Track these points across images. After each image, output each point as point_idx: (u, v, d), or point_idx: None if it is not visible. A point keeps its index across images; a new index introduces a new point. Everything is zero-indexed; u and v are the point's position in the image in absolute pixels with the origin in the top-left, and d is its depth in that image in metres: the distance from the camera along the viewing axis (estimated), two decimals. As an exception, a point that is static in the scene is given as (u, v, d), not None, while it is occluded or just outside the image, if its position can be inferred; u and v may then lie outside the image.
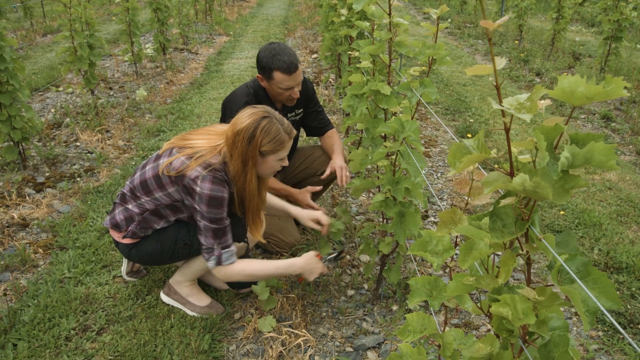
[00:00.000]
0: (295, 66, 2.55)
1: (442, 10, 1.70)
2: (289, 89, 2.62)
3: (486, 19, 0.85)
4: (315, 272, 2.35)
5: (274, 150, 2.14)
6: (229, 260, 2.19)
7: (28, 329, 2.29)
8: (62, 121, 4.98)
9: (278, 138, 2.12)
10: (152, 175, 2.23)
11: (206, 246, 2.16)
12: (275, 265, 2.30)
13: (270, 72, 2.57)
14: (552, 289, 0.86)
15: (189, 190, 2.12)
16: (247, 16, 12.88)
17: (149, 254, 2.34)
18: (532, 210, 0.85)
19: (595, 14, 12.08)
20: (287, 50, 2.56)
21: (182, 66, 7.44)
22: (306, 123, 3.01)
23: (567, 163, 0.76)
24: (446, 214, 1.18)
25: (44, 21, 10.64)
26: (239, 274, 2.23)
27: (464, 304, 1.32)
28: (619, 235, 3.20)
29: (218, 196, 2.09)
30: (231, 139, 2.12)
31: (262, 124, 2.09)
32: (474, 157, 0.84)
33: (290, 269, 2.31)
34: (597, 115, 5.80)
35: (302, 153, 3.11)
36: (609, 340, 2.40)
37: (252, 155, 2.11)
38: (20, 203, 3.47)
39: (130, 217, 2.29)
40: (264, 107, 2.17)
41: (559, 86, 0.79)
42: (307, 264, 2.32)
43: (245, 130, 2.09)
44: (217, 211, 2.11)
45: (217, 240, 2.15)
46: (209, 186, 2.08)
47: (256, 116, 2.11)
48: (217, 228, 2.14)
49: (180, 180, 2.13)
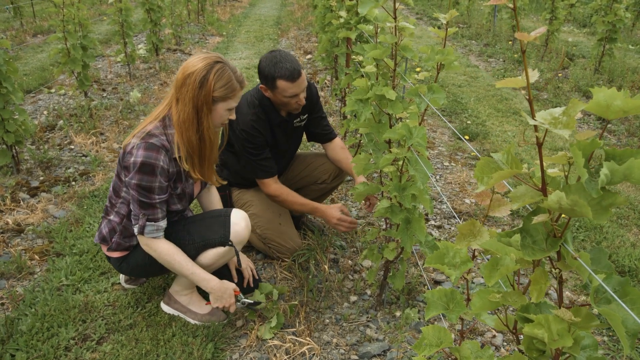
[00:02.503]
0: (299, 72, 2.50)
1: (451, 15, 1.67)
2: (294, 97, 2.57)
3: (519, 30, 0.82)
4: (222, 302, 2.26)
5: (225, 97, 2.09)
6: (152, 234, 2.11)
7: (26, 339, 2.24)
8: (55, 124, 4.91)
9: (230, 84, 2.08)
10: (115, 176, 2.23)
11: (133, 213, 2.11)
12: (192, 270, 2.18)
13: (274, 81, 2.51)
14: (587, 309, 0.84)
15: (126, 165, 2.04)
16: (239, 16, 12.81)
17: (139, 266, 2.30)
18: (566, 227, 0.83)
19: (586, 14, 12.15)
20: (289, 57, 2.51)
21: (175, 67, 7.36)
22: (309, 128, 2.96)
23: (607, 180, 0.73)
24: (465, 226, 1.15)
25: (34, 21, 10.51)
26: (156, 252, 2.14)
27: (481, 317, 1.30)
28: (620, 239, 3.20)
29: (150, 162, 2.01)
30: (180, 81, 2.05)
31: (216, 67, 2.05)
32: (506, 172, 0.82)
33: (203, 283, 2.21)
34: (593, 117, 5.81)
35: (303, 160, 3.07)
36: (614, 346, 2.39)
37: (206, 100, 2.05)
38: (15, 208, 3.41)
39: (113, 228, 2.26)
40: (216, 53, 2.13)
41: (594, 100, 0.77)
42: (219, 290, 2.24)
43: (198, 72, 2.03)
44: (148, 179, 2.02)
45: (143, 211, 2.07)
46: (142, 152, 2.00)
47: (209, 60, 2.06)
48: (144, 201, 2.05)
49: (123, 159, 2.08)
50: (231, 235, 2.26)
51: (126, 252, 2.30)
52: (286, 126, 2.79)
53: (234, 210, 2.33)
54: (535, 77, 0.80)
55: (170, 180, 2.14)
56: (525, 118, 0.76)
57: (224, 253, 2.29)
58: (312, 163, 3.04)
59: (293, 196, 2.74)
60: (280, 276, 2.81)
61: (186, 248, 2.23)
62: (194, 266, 2.20)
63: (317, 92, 2.90)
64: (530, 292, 0.87)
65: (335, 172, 3.02)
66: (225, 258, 2.34)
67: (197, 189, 2.38)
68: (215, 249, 2.27)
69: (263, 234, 2.82)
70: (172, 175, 2.13)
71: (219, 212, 2.35)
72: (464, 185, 3.98)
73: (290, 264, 2.85)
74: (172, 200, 2.20)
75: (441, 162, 4.46)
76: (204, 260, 2.28)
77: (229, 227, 2.27)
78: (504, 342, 2.42)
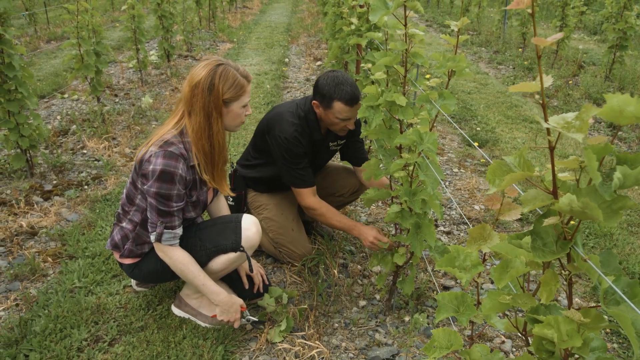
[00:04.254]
0: (358, 98, 2.50)
1: (463, 22, 1.69)
2: (346, 120, 2.57)
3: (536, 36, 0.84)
4: (228, 316, 2.29)
5: (236, 96, 2.12)
6: (169, 241, 2.13)
7: (39, 340, 2.27)
8: (68, 128, 4.98)
9: (237, 82, 2.11)
10: (130, 183, 2.24)
11: (150, 221, 2.12)
12: (204, 282, 2.20)
13: (331, 101, 2.51)
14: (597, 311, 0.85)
15: (145, 173, 2.06)
16: (250, 23, 12.91)
17: (150, 272, 2.33)
18: (576, 230, 0.84)
19: (597, 22, 12.12)
20: (350, 81, 2.51)
21: (186, 73, 7.43)
22: (345, 150, 2.97)
23: (619, 184, 0.75)
24: (476, 230, 1.17)
25: (48, 27, 10.66)
26: (171, 260, 2.15)
27: (491, 320, 1.31)
28: (631, 246, 3.19)
29: (170, 170, 2.03)
30: (189, 94, 2.08)
31: (219, 70, 2.08)
32: (517, 175, 0.83)
33: (212, 295, 2.23)
34: (604, 124, 5.80)
35: (327, 170, 3.09)
36: (624, 353, 2.38)
37: (216, 105, 2.08)
38: (29, 211, 3.45)
39: (125, 235, 2.28)
40: (216, 57, 2.17)
41: (607, 105, 0.78)
42: (227, 305, 2.26)
43: (203, 81, 2.06)
44: (167, 187, 2.04)
45: (161, 219, 2.09)
46: (161, 161, 2.02)
47: (211, 65, 2.09)
48: (162, 209, 2.07)
49: (140, 167, 2.10)
50: (242, 240, 2.28)
51: (138, 259, 2.33)
52: (322, 145, 2.80)
53: (244, 216, 2.35)
54: (549, 82, 0.82)
55: (187, 188, 2.17)
56: (540, 122, 0.78)
57: (236, 258, 2.32)
58: (335, 175, 3.06)
59: (332, 212, 2.70)
60: (289, 280, 2.83)
61: (198, 254, 2.25)
62: (206, 278, 2.22)
63: (360, 121, 2.89)
64: (540, 294, 0.88)
65: (355, 188, 3.04)
66: (236, 263, 2.36)
67: (210, 197, 2.41)
68: (227, 254, 2.29)
69: (275, 238, 2.84)
70: (188, 183, 2.16)
71: (230, 217, 2.38)
72: (473, 192, 3.99)
73: (300, 269, 2.87)
74: (186, 208, 2.23)
75: (450, 169, 4.46)
76: (215, 266, 2.31)
77: (240, 232, 2.29)
78: (513, 348, 2.42)
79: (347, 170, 3.08)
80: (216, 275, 2.37)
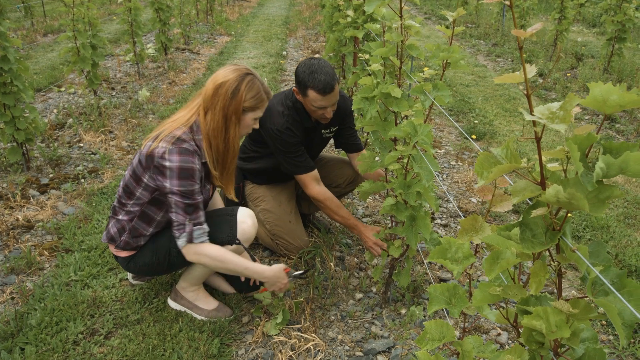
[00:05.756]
0: (331, 87, 2.49)
1: (459, 13, 1.68)
2: (321, 108, 2.57)
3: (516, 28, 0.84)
4: (278, 285, 2.32)
5: (254, 107, 2.16)
6: (200, 238, 2.12)
7: (35, 333, 2.28)
8: (65, 122, 4.96)
9: (259, 95, 2.15)
10: (129, 175, 2.22)
11: (177, 222, 2.09)
12: (245, 265, 2.21)
13: (305, 89, 2.52)
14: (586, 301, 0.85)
15: (159, 169, 2.05)
16: (248, 16, 12.86)
17: (146, 265, 2.32)
18: (565, 221, 0.84)
19: (596, 14, 12.07)
20: (325, 69, 2.50)
21: (184, 66, 7.41)
22: (338, 138, 2.97)
23: (602, 173, 0.74)
24: (467, 221, 1.17)
25: (45, 20, 10.60)
26: (208, 256, 2.14)
27: (483, 311, 1.31)
28: (627, 238, 3.19)
29: (188, 167, 2.04)
30: (211, 91, 2.10)
31: (247, 78, 2.13)
32: (505, 167, 0.83)
33: (257, 275, 2.26)
34: (601, 116, 5.78)
35: (323, 161, 3.09)
36: (619, 344, 2.39)
37: (236, 109, 2.11)
38: (25, 205, 3.45)
39: (122, 227, 2.27)
40: (245, 65, 2.20)
41: (590, 94, 0.78)
42: (274, 277, 2.29)
43: (230, 83, 2.09)
44: (189, 183, 2.05)
45: (189, 217, 2.09)
46: (178, 157, 2.03)
47: (240, 72, 2.13)
48: (189, 204, 2.07)
49: (150, 162, 2.08)
50: (238, 233, 2.28)
51: (133, 251, 2.32)
52: (314, 132, 2.80)
53: (240, 209, 2.35)
54: (532, 72, 0.81)
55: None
56: (523, 114, 0.77)
57: (232, 251, 2.31)
58: (331, 166, 3.05)
59: (337, 206, 2.70)
60: (286, 273, 2.83)
61: None
62: (245, 261, 2.24)
63: (352, 105, 2.89)
64: (530, 285, 0.88)
65: (351, 178, 3.04)
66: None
67: (211, 194, 2.42)
68: (223, 247, 2.29)
69: (272, 230, 2.83)
70: (200, 180, 2.18)
71: (225, 210, 2.37)
72: (471, 185, 3.98)
73: (296, 261, 2.87)
74: None
75: (448, 162, 4.46)
76: None
77: (236, 225, 2.29)
78: (509, 340, 2.43)
79: (342, 160, 3.08)
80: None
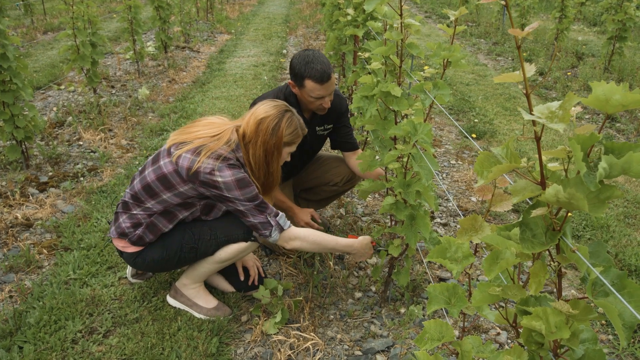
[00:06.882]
0: (328, 75, 2.51)
1: (461, 12, 1.67)
2: (320, 98, 2.58)
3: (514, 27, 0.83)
4: (365, 256, 2.49)
5: (291, 142, 2.27)
6: (287, 223, 2.25)
7: (34, 332, 2.27)
8: (64, 120, 4.96)
9: (297, 132, 2.26)
10: (155, 178, 2.20)
11: (260, 223, 2.19)
12: (335, 241, 2.37)
13: (302, 80, 2.52)
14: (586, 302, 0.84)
15: (210, 184, 2.12)
16: (248, 14, 12.84)
17: (154, 261, 2.31)
18: (565, 221, 0.83)
19: (597, 13, 12.06)
20: (321, 59, 2.52)
21: (184, 64, 7.40)
22: (333, 137, 2.96)
23: (605, 174, 0.74)
24: (466, 220, 1.16)
25: (45, 18, 10.59)
26: (306, 240, 2.28)
27: (482, 311, 1.30)
28: (627, 238, 3.18)
29: (242, 177, 2.13)
30: (253, 126, 2.20)
31: (287, 115, 2.24)
32: (504, 167, 0.82)
33: (347, 248, 2.41)
34: (602, 116, 5.77)
35: (319, 160, 3.08)
36: (619, 344, 2.38)
37: (277, 145, 2.22)
38: (24, 203, 3.44)
39: (138, 222, 2.26)
40: (284, 102, 2.30)
41: (593, 94, 0.77)
42: (362, 248, 2.45)
43: (271, 119, 2.19)
44: (250, 189, 2.15)
45: (266, 212, 2.20)
46: (230, 172, 2.11)
47: (280, 108, 2.24)
48: (258, 204, 2.18)
49: (195, 177, 2.12)
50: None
51: (142, 247, 2.31)
52: (307, 127, 2.79)
53: None
54: (532, 71, 0.80)
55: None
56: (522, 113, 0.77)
57: (245, 248, 2.34)
58: (327, 164, 3.05)
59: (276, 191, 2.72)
60: (285, 272, 2.83)
61: (207, 244, 2.28)
62: (333, 237, 2.39)
63: (347, 104, 2.90)
64: (529, 285, 0.88)
65: (348, 176, 3.03)
66: (244, 252, 2.37)
67: None
68: (238, 244, 2.32)
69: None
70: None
71: None
72: (470, 184, 3.98)
73: (295, 260, 2.86)
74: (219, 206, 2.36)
75: (448, 160, 4.45)
76: (223, 255, 2.32)
77: None
78: (508, 340, 2.42)
79: (339, 159, 3.07)
80: (222, 265, 2.37)
